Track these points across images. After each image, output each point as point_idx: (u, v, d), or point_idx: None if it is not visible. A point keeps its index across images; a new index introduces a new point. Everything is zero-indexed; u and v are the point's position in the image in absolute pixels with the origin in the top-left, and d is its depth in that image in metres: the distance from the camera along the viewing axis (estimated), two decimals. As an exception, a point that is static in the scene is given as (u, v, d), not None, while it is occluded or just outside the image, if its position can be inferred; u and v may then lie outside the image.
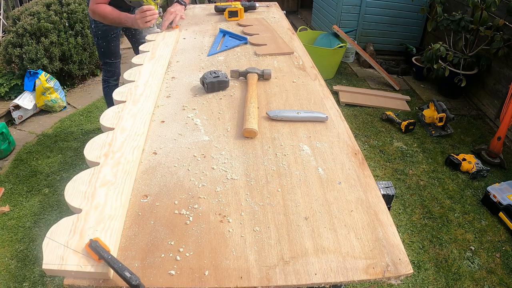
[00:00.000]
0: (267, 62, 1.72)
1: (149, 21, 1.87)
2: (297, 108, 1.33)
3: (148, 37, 1.92)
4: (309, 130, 1.22)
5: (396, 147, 3.05)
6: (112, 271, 0.73)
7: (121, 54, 2.56)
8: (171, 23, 2.05)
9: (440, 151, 3.02)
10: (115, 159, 1.02)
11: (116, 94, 1.34)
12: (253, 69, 1.52)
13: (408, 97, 3.82)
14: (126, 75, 1.49)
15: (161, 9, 1.97)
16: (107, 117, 1.21)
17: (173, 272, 0.76)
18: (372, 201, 0.95)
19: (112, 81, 2.57)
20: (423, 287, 1.93)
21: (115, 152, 1.05)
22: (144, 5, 1.86)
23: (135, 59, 1.63)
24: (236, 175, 1.02)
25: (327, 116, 1.26)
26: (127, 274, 0.68)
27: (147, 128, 1.20)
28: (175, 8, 2.10)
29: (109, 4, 1.95)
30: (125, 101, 1.30)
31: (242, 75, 1.53)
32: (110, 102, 2.67)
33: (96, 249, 0.73)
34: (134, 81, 1.44)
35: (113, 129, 1.15)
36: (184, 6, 2.16)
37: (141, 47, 1.79)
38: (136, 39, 2.49)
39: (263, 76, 1.52)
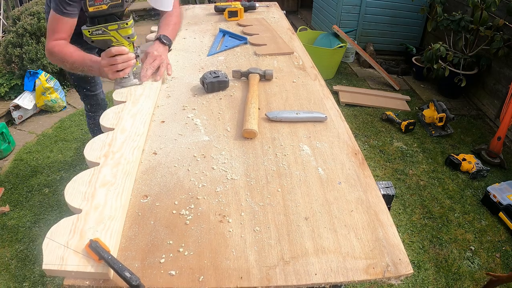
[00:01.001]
0: (267, 62, 1.72)
1: (120, 70, 1.30)
2: (297, 108, 1.33)
3: (115, 94, 1.34)
4: (309, 130, 1.22)
5: (396, 147, 3.04)
6: (112, 271, 0.73)
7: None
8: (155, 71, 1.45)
9: (440, 151, 3.02)
10: (115, 160, 1.02)
11: (116, 95, 1.34)
12: (255, 69, 1.52)
13: (408, 97, 3.82)
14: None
15: (138, 49, 1.38)
16: (107, 118, 1.21)
17: (173, 272, 0.76)
18: (372, 201, 0.95)
19: (98, 117, 1.69)
20: (423, 287, 1.93)
21: (115, 152, 1.05)
22: (114, 45, 1.27)
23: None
24: (236, 175, 1.02)
25: (326, 116, 1.26)
26: (127, 275, 0.68)
27: (147, 128, 1.20)
28: (159, 50, 1.46)
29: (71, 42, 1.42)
30: (125, 102, 1.30)
31: (244, 76, 1.53)
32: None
33: (96, 250, 0.73)
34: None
35: (113, 129, 1.15)
36: (168, 47, 1.54)
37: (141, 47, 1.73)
38: None
39: (265, 77, 1.52)
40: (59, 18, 1.37)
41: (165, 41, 1.51)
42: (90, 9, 1.18)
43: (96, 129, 2.06)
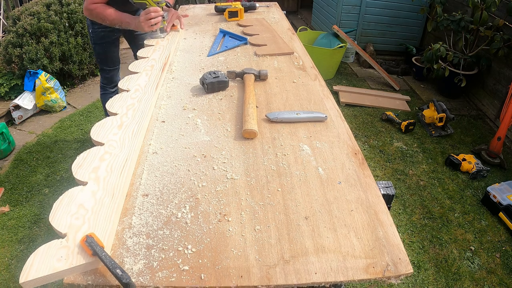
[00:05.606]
0: (267, 63, 1.72)
1: (154, 24, 1.79)
2: (297, 109, 1.34)
3: (147, 41, 1.85)
4: (309, 130, 1.22)
5: (396, 147, 3.05)
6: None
7: (121, 54, 2.41)
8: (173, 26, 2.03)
9: (440, 151, 3.02)
10: (113, 155, 1.02)
11: (112, 106, 1.31)
12: (250, 69, 1.52)
13: (408, 97, 3.83)
14: (122, 82, 1.45)
15: (165, 13, 1.90)
16: (111, 105, 1.25)
17: (173, 271, 0.76)
18: (372, 200, 0.95)
19: (109, 88, 2.45)
20: (423, 287, 1.93)
21: (114, 147, 1.05)
22: (148, 7, 1.77)
23: (132, 67, 1.57)
24: (236, 175, 1.02)
25: (326, 116, 1.26)
26: (118, 272, 0.69)
27: (147, 128, 1.20)
28: (171, 12, 2.04)
29: (110, 4, 1.84)
30: (125, 101, 1.30)
31: (239, 76, 1.53)
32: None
33: (91, 245, 0.73)
34: (136, 73, 1.44)
35: (117, 114, 1.17)
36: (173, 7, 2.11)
37: (139, 53, 1.71)
38: (136, 43, 2.34)
39: (260, 77, 1.52)
40: None
41: (169, 5, 2.00)
42: None
43: (106, 99, 2.64)
